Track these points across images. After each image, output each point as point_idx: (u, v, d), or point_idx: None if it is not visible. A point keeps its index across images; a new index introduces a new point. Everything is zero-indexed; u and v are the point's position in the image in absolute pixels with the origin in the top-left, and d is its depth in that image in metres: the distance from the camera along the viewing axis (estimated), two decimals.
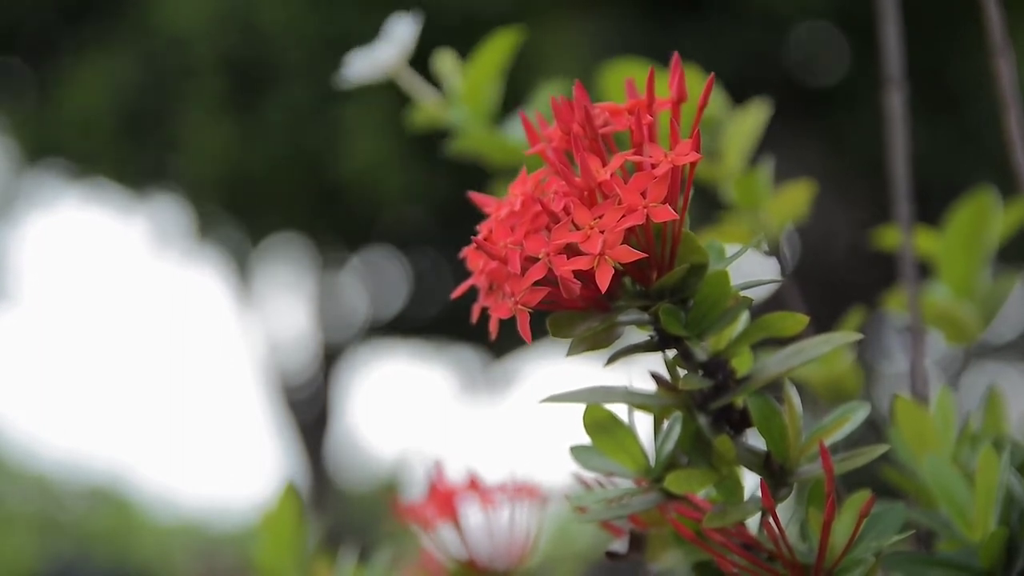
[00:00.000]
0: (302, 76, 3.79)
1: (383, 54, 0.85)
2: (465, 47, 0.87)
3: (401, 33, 0.86)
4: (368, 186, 3.91)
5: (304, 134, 3.94)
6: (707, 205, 0.81)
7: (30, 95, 4.59)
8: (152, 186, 4.73)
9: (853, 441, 0.58)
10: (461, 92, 0.86)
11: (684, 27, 3.68)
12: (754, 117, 0.82)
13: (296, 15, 3.82)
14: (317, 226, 4.69)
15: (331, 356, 5.74)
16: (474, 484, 0.81)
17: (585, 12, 3.67)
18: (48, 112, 4.38)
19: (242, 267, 5.43)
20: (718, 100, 0.83)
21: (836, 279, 4.07)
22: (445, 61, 0.88)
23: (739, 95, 0.85)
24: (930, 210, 0.89)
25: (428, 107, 0.87)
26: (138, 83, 4.13)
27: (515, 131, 0.86)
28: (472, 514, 0.81)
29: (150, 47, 4.09)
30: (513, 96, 0.89)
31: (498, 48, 0.86)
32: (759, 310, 0.57)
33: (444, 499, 0.80)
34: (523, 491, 0.82)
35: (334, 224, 4.64)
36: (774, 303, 0.75)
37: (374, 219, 4.63)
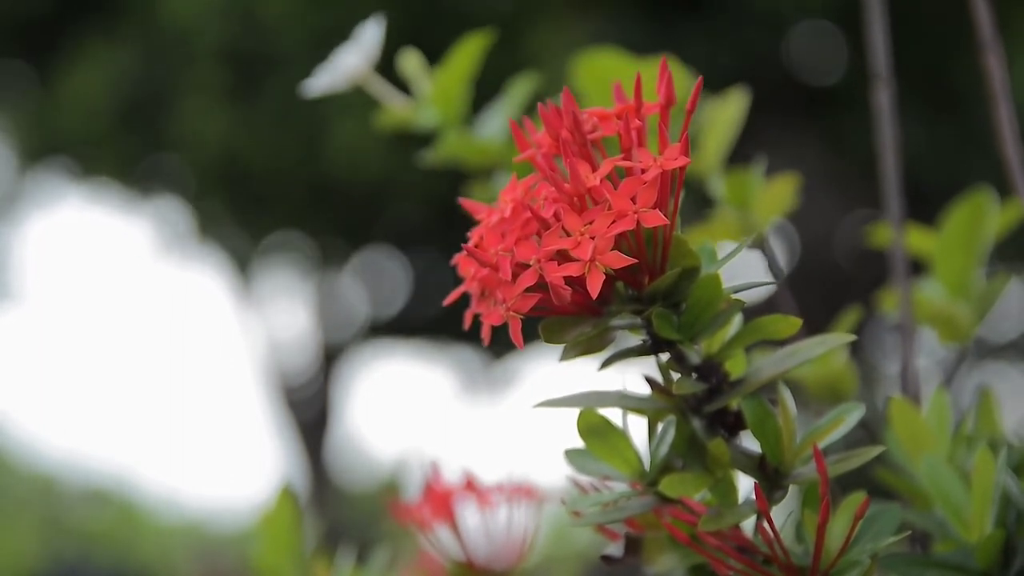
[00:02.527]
0: (301, 66, 3.79)
1: (349, 62, 0.84)
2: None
3: (366, 39, 0.85)
4: (364, 178, 3.92)
5: (304, 126, 3.94)
6: (693, 201, 0.81)
7: (32, 93, 4.59)
8: (153, 184, 4.73)
9: (852, 442, 0.58)
10: (431, 95, 0.85)
11: (684, 26, 3.68)
12: (733, 106, 0.81)
13: (296, 4, 3.82)
14: (317, 224, 4.69)
15: (331, 356, 5.74)
16: (471, 485, 0.81)
17: (585, 11, 3.67)
18: (50, 109, 4.38)
19: (243, 267, 5.43)
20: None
21: (836, 279, 4.07)
22: (411, 63, 0.86)
23: None
24: (933, 210, 0.88)
25: (396, 110, 0.86)
26: (139, 75, 4.13)
27: (490, 129, 0.85)
28: (470, 515, 0.81)
29: (151, 39, 4.09)
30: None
31: (469, 51, 0.85)
32: (753, 311, 0.57)
33: (440, 500, 0.80)
34: (520, 492, 0.82)
35: (334, 222, 4.64)
36: (767, 303, 0.75)
37: (374, 216, 4.63)
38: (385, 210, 4.56)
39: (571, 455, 0.59)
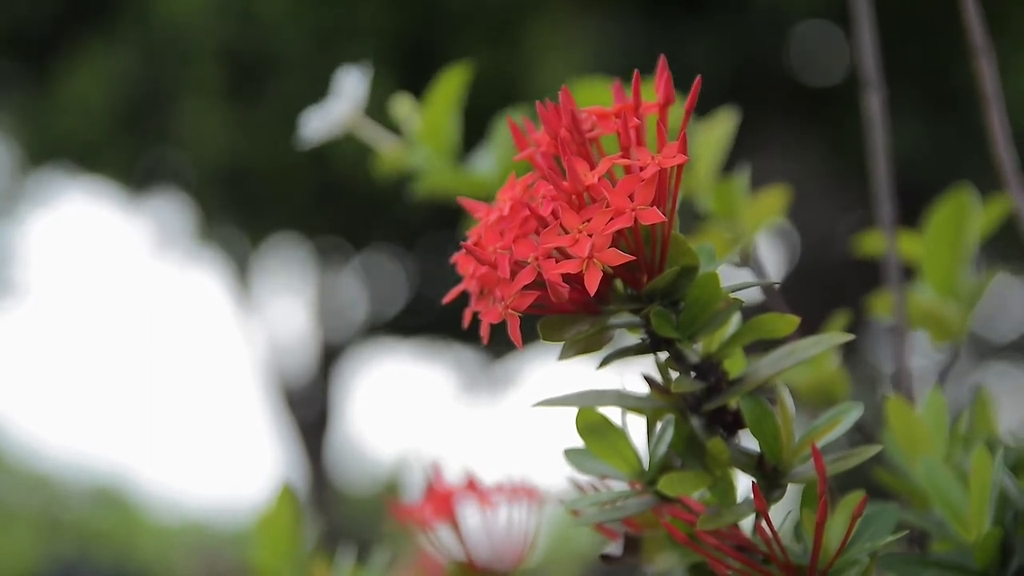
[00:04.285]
0: (302, 66, 3.79)
1: (337, 109, 0.86)
2: (466, 43, 0.87)
3: (352, 87, 0.86)
4: (366, 178, 3.91)
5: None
6: (682, 215, 0.82)
7: (32, 95, 4.59)
8: (153, 184, 4.73)
9: (848, 444, 0.58)
10: (420, 133, 0.86)
11: (685, 26, 3.68)
12: (722, 127, 0.82)
13: (295, 3, 3.82)
14: (317, 225, 4.69)
15: (331, 356, 5.74)
16: (471, 485, 0.81)
17: (586, 10, 3.66)
18: (49, 111, 4.38)
19: (243, 267, 5.43)
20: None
21: (836, 279, 4.07)
22: (402, 105, 0.87)
23: (740, 94, 0.85)
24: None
25: (390, 154, 0.87)
26: (137, 76, 4.13)
27: (483, 163, 0.86)
28: (471, 515, 0.81)
29: (149, 39, 4.09)
30: (513, 96, 0.88)
31: (452, 84, 0.86)
32: (750, 313, 0.57)
33: (441, 500, 0.80)
34: (521, 492, 0.82)
35: (334, 222, 4.64)
36: (764, 306, 0.75)
37: (375, 216, 4.63)
38: (386, 210, 4.56)
39: (570, 454, 0.59)
